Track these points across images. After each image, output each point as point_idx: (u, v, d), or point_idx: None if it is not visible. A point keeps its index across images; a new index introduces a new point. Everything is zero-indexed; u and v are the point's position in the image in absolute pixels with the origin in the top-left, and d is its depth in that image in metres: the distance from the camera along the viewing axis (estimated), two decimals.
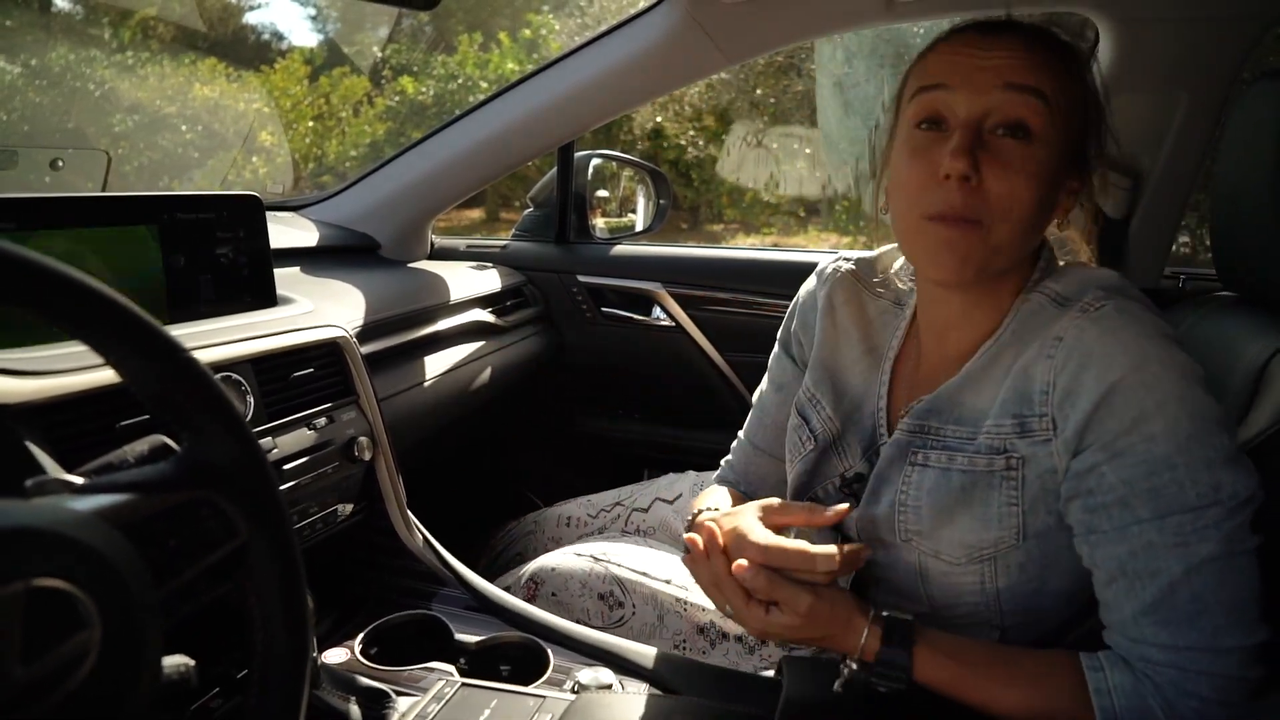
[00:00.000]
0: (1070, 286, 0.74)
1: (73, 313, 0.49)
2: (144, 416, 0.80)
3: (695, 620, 1.00)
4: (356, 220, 1.64)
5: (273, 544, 0.59)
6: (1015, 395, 0.72)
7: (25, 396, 0.71)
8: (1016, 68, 0.72)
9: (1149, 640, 0.65)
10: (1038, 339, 0.71)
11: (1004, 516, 0.72)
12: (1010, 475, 0.72)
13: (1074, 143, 0.75)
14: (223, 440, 0.57)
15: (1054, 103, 0.72)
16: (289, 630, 0.59)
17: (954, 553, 0.74)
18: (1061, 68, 0.74)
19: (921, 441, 0.77)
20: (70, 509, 0.48)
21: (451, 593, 1.08)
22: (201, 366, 0.56)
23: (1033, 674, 0.70)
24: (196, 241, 0.99)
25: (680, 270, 1.71)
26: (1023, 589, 0.74)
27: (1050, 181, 0.73)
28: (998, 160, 0.71)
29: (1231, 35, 1.17)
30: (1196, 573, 0.64)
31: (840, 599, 0.73)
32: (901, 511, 0.77)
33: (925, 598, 0.77)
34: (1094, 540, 0.68)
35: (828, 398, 0.88)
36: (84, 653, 0.42)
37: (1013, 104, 0.71)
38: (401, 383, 1.21)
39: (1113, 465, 0.66)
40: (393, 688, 0.87)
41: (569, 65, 1.45)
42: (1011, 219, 0.71)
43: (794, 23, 1.30)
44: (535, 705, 0.82)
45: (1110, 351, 0.66)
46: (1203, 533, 0.64)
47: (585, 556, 1.05)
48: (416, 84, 8.93)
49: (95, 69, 8.23)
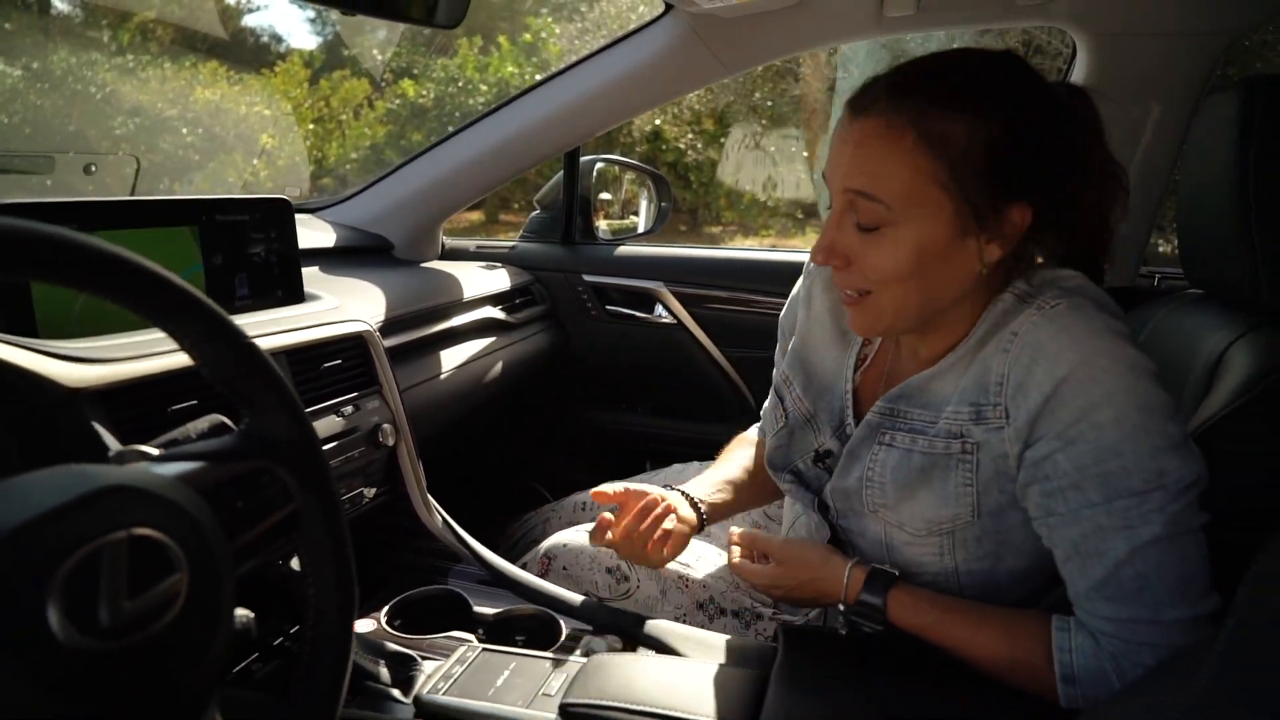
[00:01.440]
0: (1035, 286, 0.79)
1: (156, 303, 0.56)
2: (193, 401, 0.87)
3: (695, 596, 1.07)
4: (371, 222, 1.71)
5: (323, 509, 0.66)
6: (974, 385, 0.78)
7: (90, 382, 0.78)
8: (853, 169, 0.74)
9: (1099, 614, 0.72)
10: (998, 334, 0.77)
11: (960, 495, 0.79)
12: (965, 459, 0.78)
13: (958, 208, 0.73)
14: (280, 417, 0.64)
15: (895, 200, 0.72)
16: (337, 585, 0.66)
17: (915, 525, 0.82)
18: (906, 151, 0.72)
19: (890, 424, 0.85)
20: (158, 473, 0.55)
21: (468, 569, 1.15)
22: (262, 352, 0.63)
23: (1002, 626, 0.78)
24: (233, 241, 1.06)
25: (681, 270, 1.78)
26: (979, 564, 0.82)
27: (930, 245, 0.74)
28: (863, 241, 0.75)
29: (1198, 49, 1.25)
30: (1140, 553, 0.70)
31: (818, 545, 0.83)
32: (868, 486, 0.85)
33: (890, 565, 0.85)
34: (1051, 522, 0.74)
35: (799, 380, 0.96)
36: (176, 593, 0.49)
37: (852, 204, 0.75)
38: (420, 375, 1.29)
39: (1066, 453, 0.72)
40: (418, 653, 0.94)
41: (576, 75, 1.52)
42: (893, 285, 0.76)
43: (789, 35, 1.37)
44: (551, 667, 0.89)
45: (1060, 347, 0.72)
46: (1147, 516, 0.69)
47: None
48: (417, 87, 8.98)
49: (97, 72, 8.25)
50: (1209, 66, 1.26)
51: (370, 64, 9.77)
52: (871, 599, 0.81)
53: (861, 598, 0.81)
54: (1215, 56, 1.25)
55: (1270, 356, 0.86)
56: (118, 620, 0.46)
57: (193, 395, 0.87)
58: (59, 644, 0.43)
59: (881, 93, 0.74)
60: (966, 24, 1.31)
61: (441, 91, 8.86)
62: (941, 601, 0.81)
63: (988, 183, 0.73)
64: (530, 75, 8.35)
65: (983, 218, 0.74)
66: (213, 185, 8.43)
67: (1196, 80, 1.27)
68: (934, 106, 0.72)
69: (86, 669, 0.44)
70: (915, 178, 0.72)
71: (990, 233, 0.75)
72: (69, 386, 0.76)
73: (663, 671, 0.85)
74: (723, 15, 1.30)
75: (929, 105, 0.72)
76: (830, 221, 0.78)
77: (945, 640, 0.79)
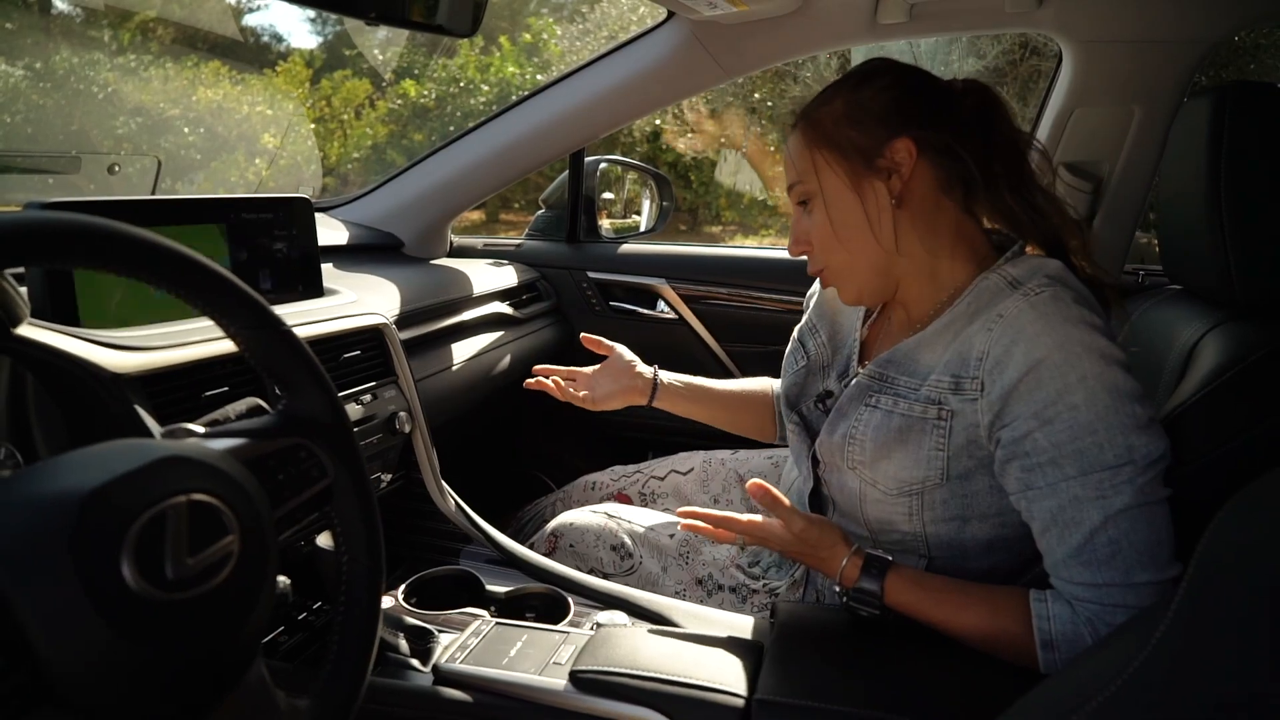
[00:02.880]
0: (1023, 271, 0.86)
1: (206, 294, 0.62)
2: (224, 388, 0.93)
3: (695, 573, 1.13)
4: (381, 220, 1.76)
5: (354, 483, 0.72)
6: (956, 358, 0.85)
7: (131, 367, 0.83)
8: (787, 170, 0.97)
9: (1075, 579, 0.78)
10: (984, 313, 0.84)
11: (931, 459, 0.86)
12: (940, 424, 0.86)
13: (849, 164, 0.91)
14: (315, 398, 0.70)
15: (806, 174, 0.94)
16: (367, 552, 0.72)
17: (888, 484, 0.89)
18: (806, 142, 0.94)
19: (878, 387, 0.92)
20: (210, 447, 0.61)
21: (478, 550, 1.20)
22: (300, 340, 0.69)
23: (986, 601, 0.84)
24: (257, 238, 1.11)
25: (682, 267, 1.84)
26: (945, 525, 0.89)
27: (839, 197, 0.92)
28: (808, 223, 0.96)
29: (1178, 56, 1.30)
30: (1113, 521, 0.76)
31: (828, 528, 0.88)
32: (850, 443, 0.92)
33: (863, 520, 0.92)
34: (1030, 496, 0.81)
35: (825, 329, 1.09)
36: (229, 553, 0.55)
37: (793, 198, 0.97)
38: (433, 366, 1.34)
39: (1044, 431, 0.79)
40: (435, 627, 0.99)
41: (580, 78, 1.57)
42: (834, 253, 0.95)
43: (787, 41, 1.43)
44: (560, 639, 0.94)
45: (1039, 332, 0.79)
46: (1119, 487, 0.76)
47: (600, 514, 1.18)
48: (419, 87, 9.02)
49: (99, 72, 8.29)
50: (1188, 72, 1.32)
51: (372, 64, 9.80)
52: (870, 585, 0.86)
53: (860, 584, 0.86)
54: (1193, 63, 1.31)
55: (1238, 348, 0.92)
56: (180, 574, 0.51)
57: (223, 382, 0.93)
58: (131, 593, 0.49)
59: (817, 100, 0.96)
60: (955, 31, 1.37)
61: (443, 92, 8.88)
62: (931, 582, 0.86)
63: (859, 131, 0.91)
64: (531, 75, 8.39)
65: (869, 159, 0.91)
66: (214, 185, 8.48)
67: (1176, 85, 1.33)
68: (816, 104, 0.95)
69: (152, 617, 0.49)
70: (807, 152, 0.94)
71: (882, 170, 0.90)
72: (113, 371, 0.81)
73: (666, 643, 0.90)
74: (724, 22, 1.35)
75: (814, 107, 0.95)
76: (792, 220, 0.98)
77: (934, 617, 0.85)
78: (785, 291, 1.73)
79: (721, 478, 1.38)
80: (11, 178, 1.30)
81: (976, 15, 1.32)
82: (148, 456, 0.54)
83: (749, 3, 1.23)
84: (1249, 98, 0.93)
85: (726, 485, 1.36)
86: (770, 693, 0.80)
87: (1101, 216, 1.45)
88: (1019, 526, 0.86)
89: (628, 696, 0.82)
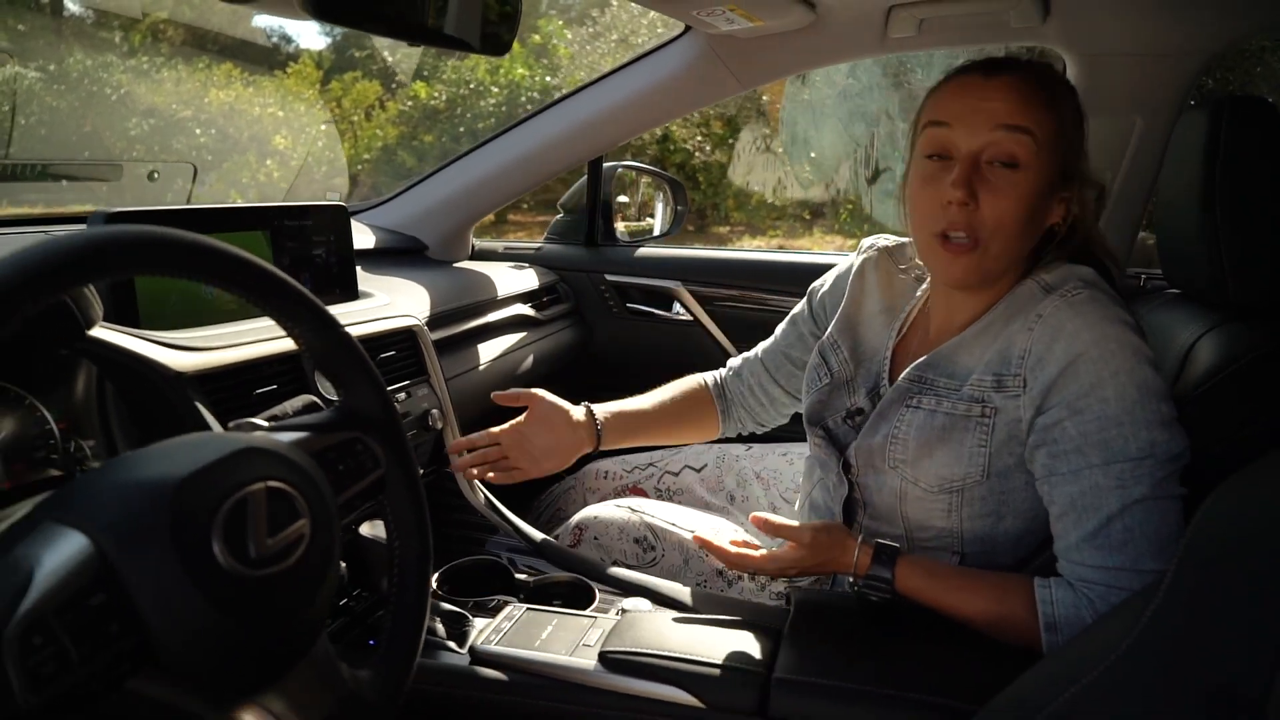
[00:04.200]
0: (1056, 277, 0.91)
1: (276, 300, 0.68)
2: (273, 386, 0.99)
3: (715, 564, 1.18)
4: (405, 225, 1.82)
5: (405, 473, 0.78)
6: (998, 357, 0.90)
7: (191, 366, 0.90)
8: (1010, 110, 0.87)
9: (1087, 562, 0.83)
10: (1022, 315, 0.89)
11: (973, 455, 0.91)
12: (984, 421, 0.90)
13: (1061, 164, 0.90)
14: (370, 395, 0.76)
15: (1040, 138, 0.87)
16: (417, 535, 0.78)
17: (929, 481, 0.93)
18: (1049, 104, 0.88)
19: (919, 389, 0.96)
20: (279, 439, 0.66)
21: (507, 540, 1.26)
22: (356, 341, 0.75)
23: (993, 587, 0.89)
24: (298, 243, 1.17)
25: (697, 270, 1.89)
26: (981, 522, 0.93)
27: (1037, 201, 0.89)
28: (992, 187, 0.88)
29: (1176, 68, 1.35)
30: (1129, 510, 0.81)
31: (834, 527, 0.93)
32: (893, 443, 0.96)
33: (901, 519, 0.96)
34: (1054, 481, 0.86)
35: (846, 344, 1.09)
36: (301, 536, 0.60)
37: (1005, 141, 0.87)
38: (461, 366, 1.40)
39: (1074, 420, 0.84)
40: (469, 613, 1.05)
41: (600, 88, 1.63)
42: (1002, 235, 0.88)
43: (800, 54, 1.48)
44: (589, 623, 1.00)
45: (1078, 329, 0.84)
46: (1138, 478, 0.81)
47: (624, 508, 1.23)
48: (429, 89, 9.08)
49: (112, 74, 8.36)
50: (1187, 83, 1.37)
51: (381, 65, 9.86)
52: (881, 572, 0.91)
53: (872, 571, 0.91)
54: (1192, 75, 1.36)
55: (1232, 349, 0.96)
56: (261, 553, 0.57)
57: (272, 380, 0.99)
58: (221, 569, 0.54)
59: (1018, 62, 0.90)
60: (962, 44, 1.42)
61: (453, 94, 8.94)
62: (939, 569, 0.92)
63: (1071, 150, 0.91)
64: (540, 78, 8.44)
65: (1066, 178, 0.91)
66: (226, 186, 8.54)
67: (1175, 96, 1.38)
68: (1059, 85, 0.91)
69: (239, 591, 0.55)
70: (1055, 123, 0.88)
71: (1069, 189, 0.91)
72: (175, 370, 0.88)
73: (689, 626, 0.96)
74: (739, 36, 1.41)
75: (1056, 84, 0.91)
76: (965, 165, 0.88)
77: (942, 602, 0.90)
78: (795, 294, 1.77)
79: (736, 473, 1.44)
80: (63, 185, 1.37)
81: (983, 29, 1.37)
82: (229, 447, 0.59)
83: (764, 18, 1.29)
84: (1244, 110, 0.98)
85: (741, 481, 1.41)
86: (787, 671, 0.85)
87: (1104, 222, 1.50)
88: (1047, 522, 0.89)
89: (654, 675, 0.88)
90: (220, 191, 7.91)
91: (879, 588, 0.90)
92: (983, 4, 1.26)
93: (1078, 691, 0.64)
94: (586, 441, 1.17)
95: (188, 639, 0.53)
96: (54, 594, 0.49)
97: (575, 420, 1.16)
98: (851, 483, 1.02)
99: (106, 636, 0.50)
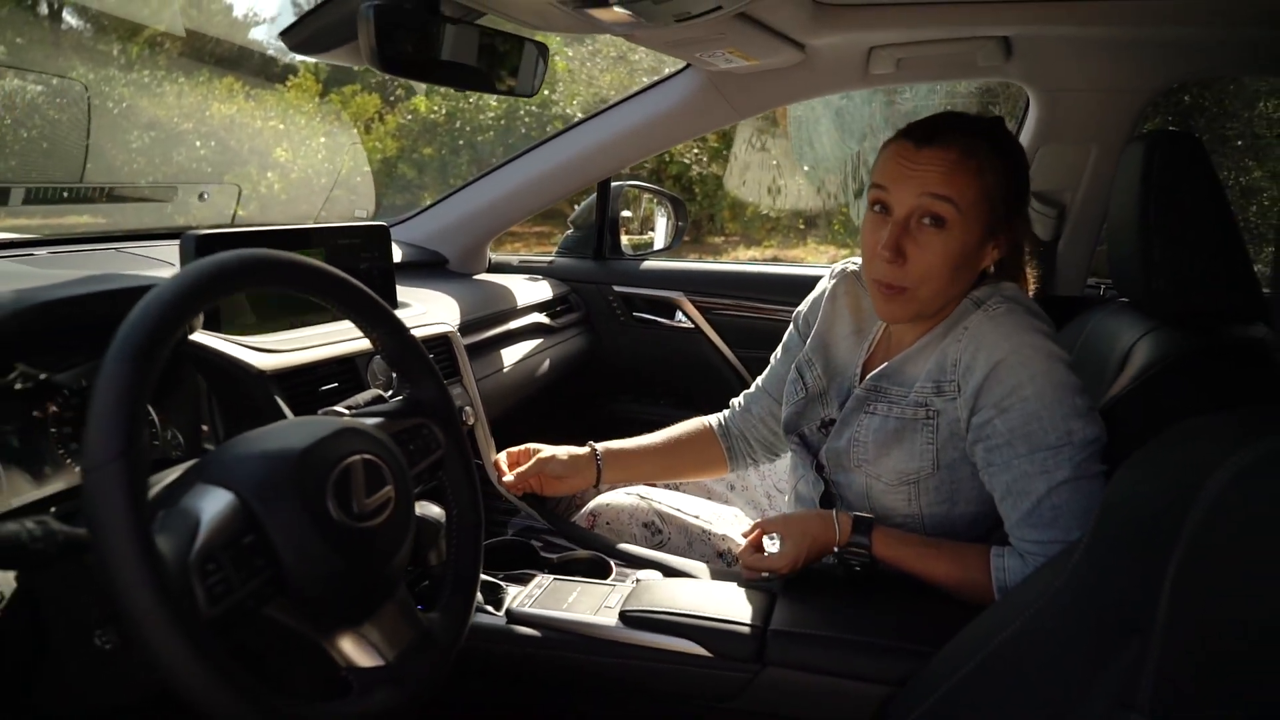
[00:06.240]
0: (983, 293, 1.06)
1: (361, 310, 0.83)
2: (334, 384, 1.13)
3: (716, 546, 1.33)
4: (427, 240, 1.97)
5: (459, 454, 0.93)
6: (936, 367, 1.05)
7: (271, 366, 1.04)
8: (936, 179, 0.98)
9: (1026, 538, 0.98)
10: (954, 329, 1.04)
11: (924, 452, 1.06)
12: (929, 422, 1.05)
13: (988, 221, 1.01)
14: (432, 388, 0.91)
15: (963, 205, 0.98)
16: (471, 508, 0.92)
17: (890, 477, 1.08)
18: (977, 172, 0.98)
19: (875, 397, 1.11)
20: (365, 423, 0.81)
21: (523, 522, 1.41)
22: (421, 344, 0.90)
23: (956, 554, 1.04)
24: (348, 260, 1.32)
25: (699, 282, 2.05)
26: (938, 508, 1.08)
27: (963, 253, 1.00)
28: (919, 243, 1.00)
29: (1126, 102, 1.52)
30: (1055, 490, 0.96)
31: (804, 514, 1.10)
32: (855, 445, 1.11)
33: (870, 510, 1.11)
34: (991, 471, 1.01)
35: (820, 362, 1.23)
36: (388, 500, 0.75)
37: (932, 205, 0.99)
38: (487, 369, 1.55)
39: (1001, 418, 0.98)
40: (502, 582, 1.19)
41: (608, 117, 1.79)
42: (931, 283, 1.01)
43: (791, 87, 1.64)
44: (609, 590, 1.14)
45: (998, 339, 0.99)
46: (1059, 463, 0.96)
47: (633, 495, 1.37)
48: (429, 102, 9.20)
49: (114, 88, 8.46)
50: (1136, 116, 1.53)
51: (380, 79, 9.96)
52: (860, 539, 1.05)
53: (852, 539, 1.05)
54: (1140, 108, 1.52)
55: (1160, 351, 1.11)
56: (362, 510, 0.72)
57: (334, 378, 1.14)
58: (334, 520, 0.69)
59: (952, 132, 1.00)
60: (936, 79, 1.58)
61: (453, 107, 9.03)
62: (911, 538, 1.07)
63: (1005, 202, 1.02)
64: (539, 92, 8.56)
65: (998, 228, 1.02)
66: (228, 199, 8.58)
67: (1126, 127, 1.54)
68: (993, 151, 1.00)
69: (347, 538, 0.70)
70: (978, 191, 0.99)
71: (997, 240, 1.03)
72: (259, 369, 1.02)
73: (696, 590, 1.10)
74: (736, 72, 1.57)
75: (989, 149, 1.00)
76: (896, 226, 1.01)
77: (913, 567, 1.04)
78: (790, 304, 1.92)
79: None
80: (127, 207, 1.51)
81: (954, 67, 1.54)
82: (334, 427, 0.75)
83: (758, 58, 1.44)
84: (1173, 145, 1.13)
85: (741, 471, 1.56)
86: (782, 624, 1.01)
87: (1065, 239, 1.66)
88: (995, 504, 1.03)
89: (668, 630, 1.02)
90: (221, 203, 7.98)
91: (859, 554, 1.05)
92: (953, 45, 1.42)
93: (1016, 629, 0.78)
94: (585, 476, 1.35)
95: (310, 572, 0.68)
96: (219, 533, 0.64)
97: (577, 456, 1.35)
98: (826, 480, 1.17)
99: (255, 567, 0.65)
